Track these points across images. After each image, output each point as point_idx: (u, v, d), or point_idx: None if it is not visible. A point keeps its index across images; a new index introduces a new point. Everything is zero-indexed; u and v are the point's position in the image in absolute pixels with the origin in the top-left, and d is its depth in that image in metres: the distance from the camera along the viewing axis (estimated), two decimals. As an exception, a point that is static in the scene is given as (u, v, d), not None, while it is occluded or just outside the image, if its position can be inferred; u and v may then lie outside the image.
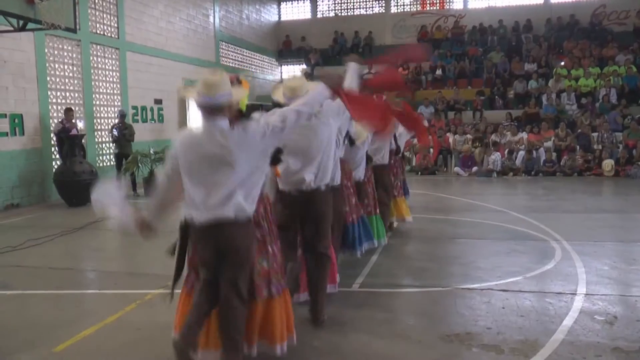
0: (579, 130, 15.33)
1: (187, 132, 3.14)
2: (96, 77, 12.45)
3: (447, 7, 22.84)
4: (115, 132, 11.50)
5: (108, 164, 12.65)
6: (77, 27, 10.19)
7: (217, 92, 2.89)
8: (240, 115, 3.03)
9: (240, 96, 3.09)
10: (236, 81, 3.14)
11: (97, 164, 12.13)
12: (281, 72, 23.80)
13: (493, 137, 15.63)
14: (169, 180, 3.11)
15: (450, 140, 15.98)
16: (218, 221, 2.93)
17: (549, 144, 15.06)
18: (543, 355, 3.50)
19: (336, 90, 3.27)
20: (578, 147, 14.74)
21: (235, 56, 19.83)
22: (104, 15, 12.73)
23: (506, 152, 14.88)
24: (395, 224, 7.54)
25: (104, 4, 12.71)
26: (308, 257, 4.11)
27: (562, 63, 18.94)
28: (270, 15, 23.40)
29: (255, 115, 3.08)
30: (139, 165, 11.51)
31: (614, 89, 16.94)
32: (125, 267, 6.20)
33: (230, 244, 2.98)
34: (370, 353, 3.63)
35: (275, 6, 23.87)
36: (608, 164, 13.86)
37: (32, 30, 9.52)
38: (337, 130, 4.20)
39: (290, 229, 3.99)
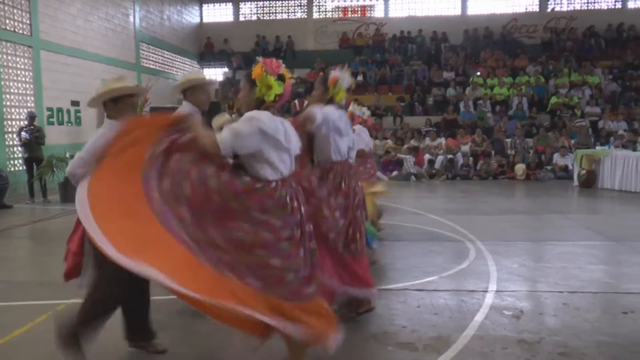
0: (494, 136, 16.10)
1: None
2: (7, 77, 11.80)
3: (369, 14, 23.37)
4: (26, 135, 10.88)
5: (20, 168, 12.00)
6: (-16, 23, 9.65)
7: None
8: None
9: None
10: None
11: (8, 169, 11.50)
12: (203, 75, 23.48)
13: (412, 142, 16.10)
14: None
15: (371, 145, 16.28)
16: None
17: (466, 148, 15.71)
18: (455, 351, 3.65)
19: None
20: (493, 152, 15.48)
21: (155, 58, 19.39)
22: (14, 11, 12.08)
23: (425, 156, 15.37)
24: None
25: None
26: None
27: (478, 72, 19.86)
28: (191, 16, 23.03)
29: None
30: (54, 169, 11.01)
31: (525, 97, 17.96)
32: (36, 277, 5.91)
33: None
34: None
35: (197, 8, 23.52)
36: (520, 168, 14.62)
37: None
38: None
39: None
